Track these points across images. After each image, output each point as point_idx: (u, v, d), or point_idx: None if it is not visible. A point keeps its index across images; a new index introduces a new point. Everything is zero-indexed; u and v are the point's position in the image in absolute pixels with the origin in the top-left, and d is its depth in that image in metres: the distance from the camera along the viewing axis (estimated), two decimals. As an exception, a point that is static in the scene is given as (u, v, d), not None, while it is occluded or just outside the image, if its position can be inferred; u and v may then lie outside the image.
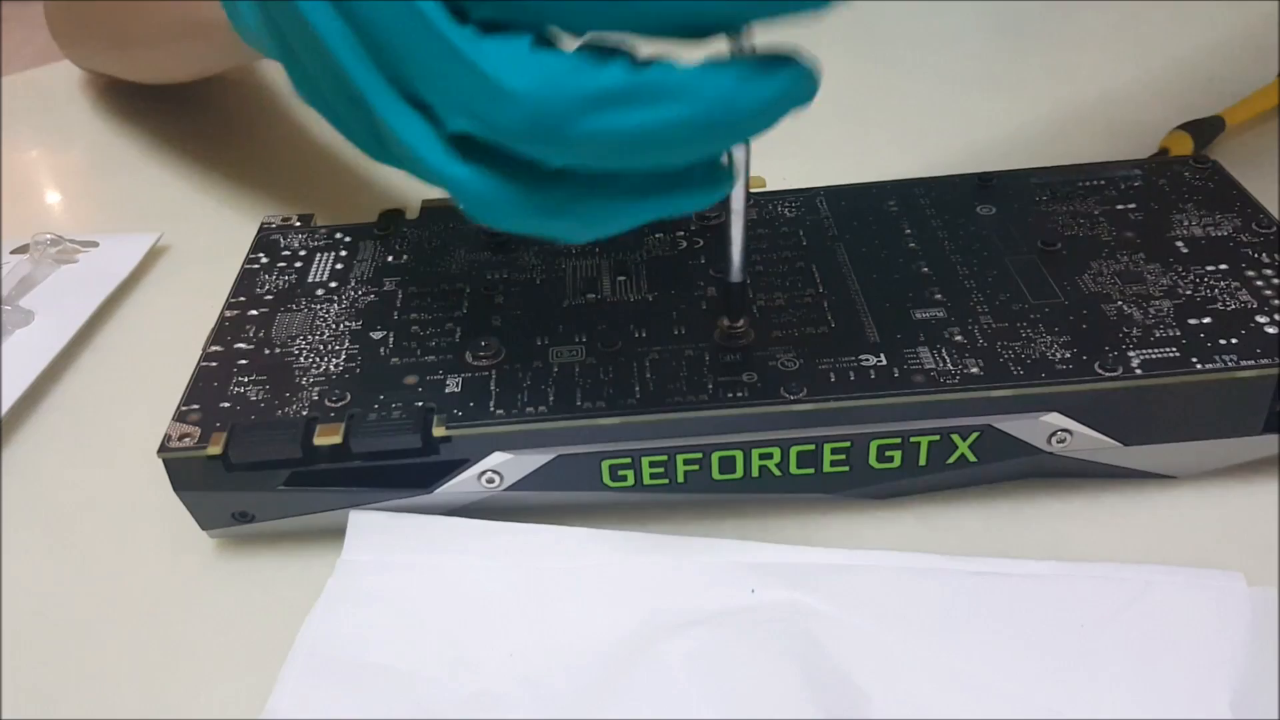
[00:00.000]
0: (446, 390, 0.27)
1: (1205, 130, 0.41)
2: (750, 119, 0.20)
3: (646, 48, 0.20)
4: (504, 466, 0.27)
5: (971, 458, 0.27)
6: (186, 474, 0.27)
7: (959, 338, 0.27)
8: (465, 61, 0.20)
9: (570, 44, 0.20)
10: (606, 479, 0.27)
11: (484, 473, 0.27)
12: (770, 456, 0.27)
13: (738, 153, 0.25)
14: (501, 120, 0.20)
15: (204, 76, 0.49)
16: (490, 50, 0.20)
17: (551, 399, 0.27)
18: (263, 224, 0.36)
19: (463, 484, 0.27)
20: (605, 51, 0.20)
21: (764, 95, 0.20)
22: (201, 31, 0.35)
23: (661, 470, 0.27)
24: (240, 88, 0.53)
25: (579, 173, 0.21)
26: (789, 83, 0.20)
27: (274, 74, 0.52)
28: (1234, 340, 0.26)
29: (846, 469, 0.27)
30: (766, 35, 0.20)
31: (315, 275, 0.33)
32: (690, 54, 0.20)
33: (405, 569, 0.26)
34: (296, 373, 0.28)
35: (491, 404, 0.27)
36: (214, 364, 0.29)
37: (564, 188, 0.22)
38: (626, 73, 0.20)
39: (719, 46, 0.20)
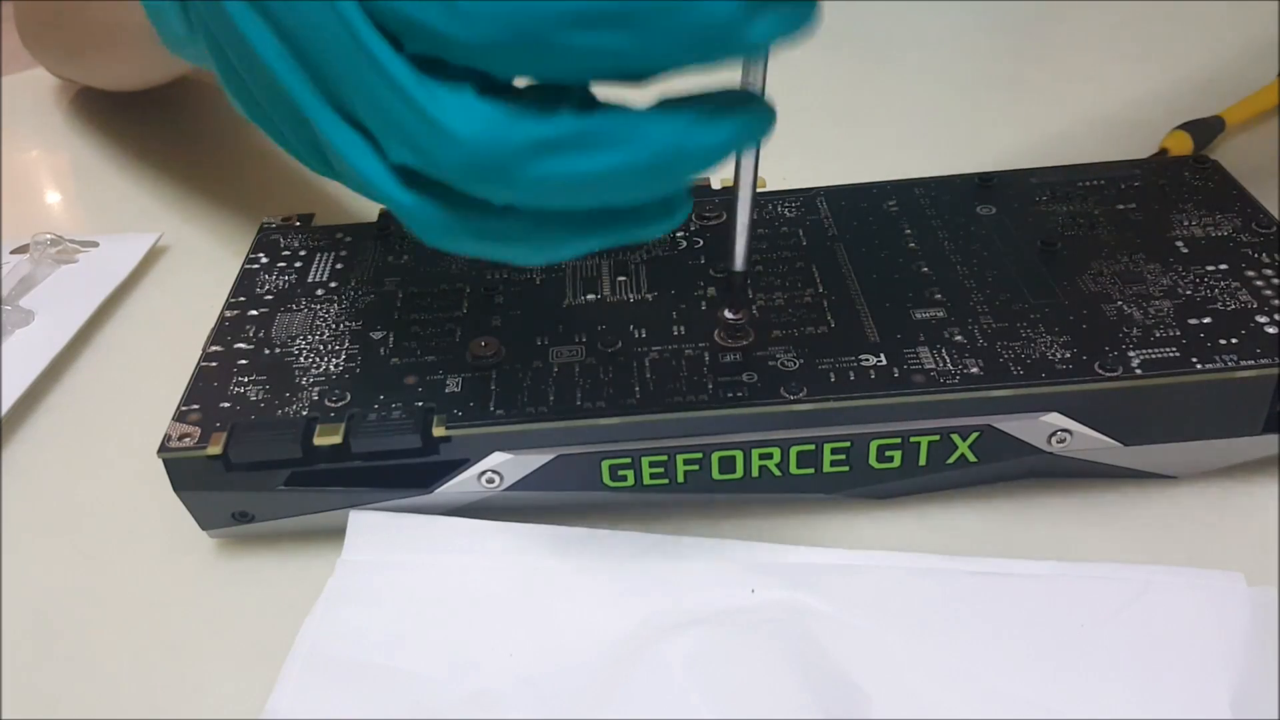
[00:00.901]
0: (446, 390, 0.27)
1: (1205, 130, 0.41)
2: (701, 160, 0.19)
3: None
4: (504, 466, 0.27)
5: (971, 458, 0.27)
6: (186, 474, 0.27)
7: (959, 338, 0.27)
8: (409, 99, 0.19)
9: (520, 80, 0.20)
10: (606, 479, 0.27)
11: (484, 473, 0.27)
12: (770, 456, 0.27)
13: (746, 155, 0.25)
14: (445, 161, 0.20)
15: (163, 83, 0.49)
16: (435, 90, 0.19)
17: (551, 399, 0.27)
18: (263, 224, 0.36)
19: (463, 484, 0.27)
20: (556, 90, 0.19)
21: (715, 140, 0.19)
22: (150, 34, 0.35)
23: (661, 470, 0.27)
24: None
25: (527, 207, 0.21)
26: (741, 126, 0.19)
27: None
28: (1234, 340, 0.26)
29: (846, 469, 0.27)
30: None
31: (315, 275, 0.33)
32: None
33: (405, 569, 0.26)
34: (296, 373, 0.28)
35: (491, 404, 0.27)
36: (214, 364, 0.29)
37: (513, 220, 0.21)
38: (574, 117, 0.19)
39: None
